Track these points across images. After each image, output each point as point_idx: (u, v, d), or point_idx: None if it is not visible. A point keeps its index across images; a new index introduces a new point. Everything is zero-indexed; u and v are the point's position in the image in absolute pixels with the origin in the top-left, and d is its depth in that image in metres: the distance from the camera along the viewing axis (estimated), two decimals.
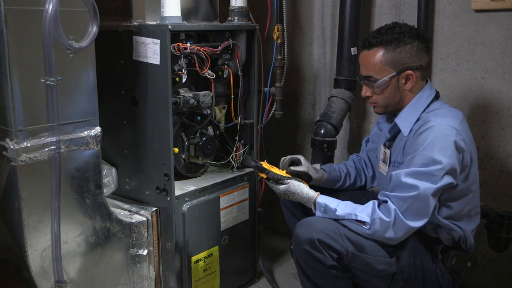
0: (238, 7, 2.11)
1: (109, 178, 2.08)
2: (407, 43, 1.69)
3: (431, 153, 1.57)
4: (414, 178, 1.58)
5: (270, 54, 2.31)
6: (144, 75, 1.92)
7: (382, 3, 2.44)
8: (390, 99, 1.75)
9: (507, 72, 2.14)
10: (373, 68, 1.72)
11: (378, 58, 1.70)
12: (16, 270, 1.71)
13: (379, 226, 1.62)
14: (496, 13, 2.12)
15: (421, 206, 1.58)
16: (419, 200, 1.58)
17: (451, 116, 1.66)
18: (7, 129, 1.53)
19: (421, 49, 1.71)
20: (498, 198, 2.24)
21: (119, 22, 1.94)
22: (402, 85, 1.72)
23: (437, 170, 1.56)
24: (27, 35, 1.49)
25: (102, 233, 1.82)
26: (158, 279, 2.04)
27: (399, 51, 1.69)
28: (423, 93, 1.74)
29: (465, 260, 1.71)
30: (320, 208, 1.74)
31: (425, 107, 1.72)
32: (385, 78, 1.70)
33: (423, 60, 1.72)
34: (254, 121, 2.24)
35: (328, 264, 1.65)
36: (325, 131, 2.28)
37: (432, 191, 1.57)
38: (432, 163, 1.56)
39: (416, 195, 1.57)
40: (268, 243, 2.77)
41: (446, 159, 1.56)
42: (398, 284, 1.70)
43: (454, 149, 1.58)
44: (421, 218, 1.60)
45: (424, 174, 1.57)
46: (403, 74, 1.70)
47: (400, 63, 1.69)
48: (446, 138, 1.58)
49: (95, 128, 1.72)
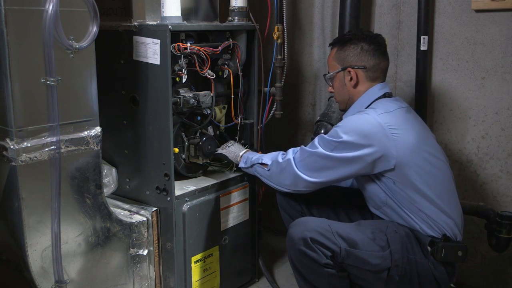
0: (238, 7, 2.11)
1: (109, 178, 2.08)
2: (353, 43, 1.85)
3: (338, 128, 1.76)
4: (320, 141, 1.78)
5: (270, 54, 2.31)
6: (144, 75, 1.92)
7: (382, 3, 2.44)
8: (340, 95, 1.91)
9: (507, 72, 2.14)
10: (329, 64, 1.93)
11: (332, 55, 1.91)
12: (16, 270, 1.71)
13: (275, 168, 1.87)
14: (496, 13, 2.12)
15: (312, 162, 1.77)
16: (312, 157, 1.78)
17: (378, 107, 1.78)
18: (7, 129, 1.53)
19: (366, 50, 1.83)
20: (498, 198, 2.24)
21: (119, 22, 1.94)
22: (348, 82, 1.86)
23: (333, 142, 1.74)
24: (27, 35, 1.49)
25: (102, 233, 1.82)
26: (158, 279, 2.04)
27: (345, 49, 1.86)
28: (369, 92, 1.85)
29: (455, 250, 1.72)
30: (243, 160, 2.01)
31: (368, 104, 1.82)
32: (332, 73, 1.90)
33: (366, 61, 1.83)
34: (254, 121, 2.24)
35: (323, 263, 1.67)
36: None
37: (324, 155, 1.75)
38: (335, 135, 1.75)
39: (314, 152, 1.78)
40: (268, 243, 2.77)
41: (345, 136, 1.72)
42: (394, 280, 1.71)
43: (362, 131, 1.70)
44: (309, 172, 1.78)
45: (327, 141, 1.76)
46: (346, 71, 1.85)
47: (344, 60, 1.86)
48: (356, 121, 1.75)
49: (95, 128, 1.72)
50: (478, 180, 2.28)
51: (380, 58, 1.84)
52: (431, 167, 1.74)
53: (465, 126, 2.27)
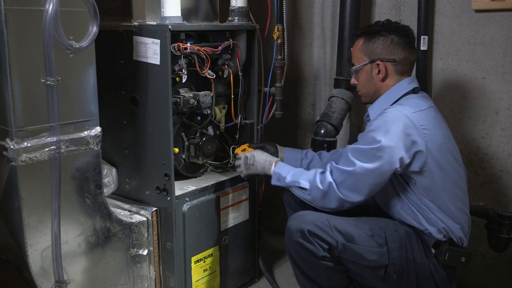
0: (238, 7, 2.11)
1: (109, 178, 2.08)
2: (382, 35, 1.77)
3: (375, 134, 1.65)
4: (355, 154, 1.68)
5: (270, 54, 2.31)
6: (144, 75, 1.92)
7: (382, 3, 2.44)
8: (366, 88, 1.84)
9: (507, 72, 2.14)
10: (354, 56, 1.85)
11: (358, 46, 1.83)
12: (16, 270, 1.71)
13: (316, 193, 1.74)
14: (496, 13, 2.12)
15: (354, 182, 1.68)
16: (353, 176, 1.67)
17: (410, 105, 1.72)
18: (7, 129, 1.53)
19: (396, 43, 1.77)
20: (498, 198, 2.24)
21: (119, 22, 1.94)
22: (375, 75, 1.79)
23: (373, 149, 1.64)
24: (27, 35, 1.49)
25: (102, 233, 1.82)
26: (158, 279, 2.04)
27: (373, 41, 1.78)
28: (398, 86, 1.79)
29: (458, 255, 1.72)
30: (275, 177, 1.87)
31: (397, 98, 1.77)
32: (359, 65, 1.82)
33: (396, 54, 1.77)
34: (254, 121, 2.23)
35: (320, 255, 1.68)
36: (325, 131, 2.28)
37: (366, 170, 1.65)
38: (372, 142, 1.65)
39: (351, 171, 1.67)
40: (268, 243, 2.77)
41: (386, 140, 1.62)
42: (391, 277, 1.71)
43: (401, 132, 1.63)
44: (354, 193, 1.69)
45: (364, 151, 1.66)
46: (374, 64, 1.78)
47: (373, 53, 1.79)
48: (392, 122, 1.65)
49: (95, 128, 1.72)
50: (478, 180, 2.28)
51: (409, 51, 1.79)
52: (451, 169, 1.73)
53: (465, 126, 2.27)
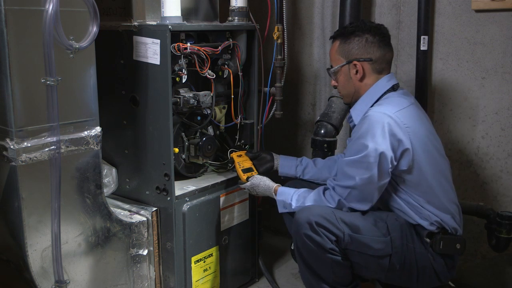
0: (238, 7, 2.11)
1: (109, 178, 2.08)
2: (357, 35, 1.80)
3: (363, 140, 1.68)
4: (351, 167, 1.71)
5: (270, 54, 2.31)
6: (144, 75, 1.92)
7: (382, 3, 2.44)
8: (345, 89, 1.87)
9: (507, 72, 2.14)
10: (332, 58, 1.88)
11: (334, 48, 1.86)
12: (16, 270, 1.71)
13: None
14: (496, 13, 2.12)
15: (360, 193, 1.72)
16: (357, 189, 1.71)
17: (391, 104, 1.74)
18: (7, 129, 1.53)
19: (371, 42, 1.79)
20: (498, 198, 2.24)
21: (119, 22, 1.94)
22: (353, 75, 1.82)
23: (365, 156, 1.67)
24: (27, 35, 1.49)
25: (102, 233, 1.82)
26: (158, 279, 2.04)
27: (349, 42, 1.81)
28: (377, 85, 1.81)
29: (453, 242, 1.75)
30: (281, 205, 1.89)
31: (378, 97, 1.80)
32: (336, 67, 1.85)
33: (372, 53, 1.79)
34: (254, 121, 2.24)
35: (328, 248, 1.69)
36: (325, 131, 2.28)
37: (366, 180, 1.68)
38: (363, 149, 1.67)
39: (354, 185, 1.71)
40: (268, 243, 2.77)
41: (374, 144, 1.66)
42: (395, 268, 1.73)
43: (386, 134, 1.66)
44: (363, 202, 1.73)
45: (358, 162, 1.69)
46: (352, 64, 1.81)
47: (349, 53, 1.81)
48: (377, 125, 1.67)
49: (95, 128, 1.72)
50: (478, 180, 2.28)
51: (385, 49, 1.81)
52: (436, 163, 1.76)
53: (465, 126, 2.27)
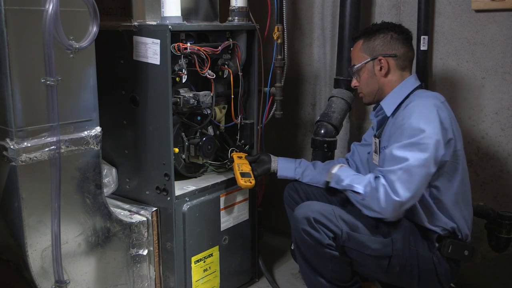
0: (238, 7, 2.11)
1: (109, 178, 2.08)
2: (382, 32, 1.84)
3: (417, 124, 1.63)
4: (403, 149, 1.63)
5: (270, 54, 2.31)
6: (144, 75, 1.92)
7: (382, 3, 2.44)
8: (368, 86, 1.87)
9: (507, 72, 2.14)
10: (355, 57, 1.90)
11: (358, 47, 1.89)
12: (16, 270, 1.71)
13: (371, 200, 1.66)
14: (496, 13, 2.12)
15: (410, 178, 1.60)
16: (408, 172, 1.60)
17: (432, 97, 1.76)
18: (7, 129, 1.53)
19: (395, 39, 1.83)
20: (498, 198, 2.24)
21: (119, 22, 1.94)
22: (378, 72, 1.84)
23: (423, 138, 1.61)
24: (27, 35, 1.49)
25: (102, 233, 1.82)
26: (158, 279, 2.04)
27: (373, 39, 1.84)
28: (407, 81, 1.84)
29: (462, 248, 1.75)
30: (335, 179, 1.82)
31: (409, 92, 1.81)
32: (360, 63, 1.86)
33: (397, 49, 1.82)
34: (254, 121, 2.24)
35: (325, 243, 1.70)
36: (325, 131, 2.28)
37: (421, 161, 1.60)
38: (418, 132, 1.62)
39: (406, 166, 1.60)
40: (268, 243, 2.77)
41: (431, 128, 1.63)
42: (395, 269, 1.73)
43: (438, 121, 1.65)
44: (410, 191, 1.59)
45: (413, 144, 1.62)
46: (376, 60, 1.83)
47: (374, 50, 1.84)
48: (428, 111, 1.66)
49: (95, 128, 1.72)
50: (478, 180, 2.28)
51: (408, 47, 1.85)
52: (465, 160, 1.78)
53: (465, 126, 2.27)
